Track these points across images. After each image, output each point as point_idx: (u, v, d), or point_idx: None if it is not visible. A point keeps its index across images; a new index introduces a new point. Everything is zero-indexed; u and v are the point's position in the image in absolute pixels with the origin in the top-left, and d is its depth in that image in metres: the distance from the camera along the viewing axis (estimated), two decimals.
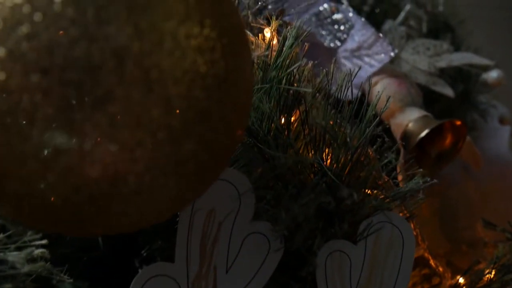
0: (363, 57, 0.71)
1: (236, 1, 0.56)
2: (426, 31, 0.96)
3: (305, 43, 0.45)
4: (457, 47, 0.99)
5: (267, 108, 0.41)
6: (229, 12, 0.29)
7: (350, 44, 0.73)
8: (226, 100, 0.27)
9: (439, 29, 1.00)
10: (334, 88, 0.75)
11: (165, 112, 0.26)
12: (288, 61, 0.43)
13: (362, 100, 0.58)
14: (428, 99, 0.81)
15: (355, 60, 0.73)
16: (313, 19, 0.77)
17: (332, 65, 0.48)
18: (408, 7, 0.92)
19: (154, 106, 0.25)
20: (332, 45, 0.74)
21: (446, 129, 0.64)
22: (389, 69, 0.69)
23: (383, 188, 0.45)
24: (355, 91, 0.74)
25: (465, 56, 0.82)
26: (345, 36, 0.74)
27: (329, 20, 0.76)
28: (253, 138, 0.44)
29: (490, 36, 1.08)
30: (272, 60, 0.44)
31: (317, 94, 0.48)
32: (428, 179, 0.44)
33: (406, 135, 0.63)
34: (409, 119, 0.64)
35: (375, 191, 0.45)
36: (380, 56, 0.69)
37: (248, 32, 0.54)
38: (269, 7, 0.64)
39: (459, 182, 0.68)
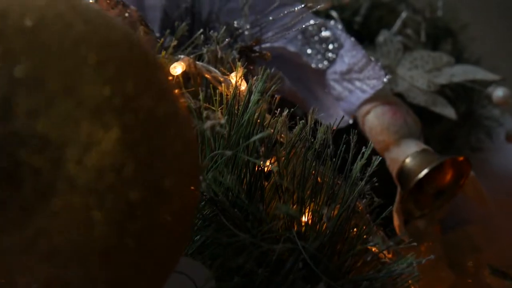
0: (354, 81, 0.64)
1: (202, 36, 0.49)
2: (425, 37, 0.89)
3: (276, 96, 0.38)
4: (459, 53, 0.91)
5: (228, 182, 0.34)
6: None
7: (340, 66, 0.65)
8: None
9: (439, 35, 0.93)
10: (320, 117, 0.69)
11: None
12: (252, 123, 0.36)
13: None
14: (428, 120, 0.74)
15: (346, 84, 0.65)
16: (299, 36, 0.70)
17: (309, 116, 0.40)
18: (404, 14, 0.85)
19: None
20: (320, 66, 0.67)
21: (447, 164, 0.57)
22: (383, 95, 0.62)
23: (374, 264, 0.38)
24: (346, 118, 0.68)
25: (468, 71, 0.75)
26: (334, 56, 0.67)
27: (316, 38, 0.69)
28: (217, 210, 0.37)
29: (494, 41, 1.00)
30: (235, 120, 0.38)
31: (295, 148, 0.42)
32: (423, 259, 0.37)
33: (403, 172, 0.56)
34: (406, 154, 0.57)
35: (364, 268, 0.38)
36: (372, 81, 0.62)
37: (216, 72, 0.47)
38: (246, 33, 0.57)
39: (462, 224, 0.61)
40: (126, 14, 0.49)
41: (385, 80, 0.60)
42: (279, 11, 0.72)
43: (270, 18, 0.58)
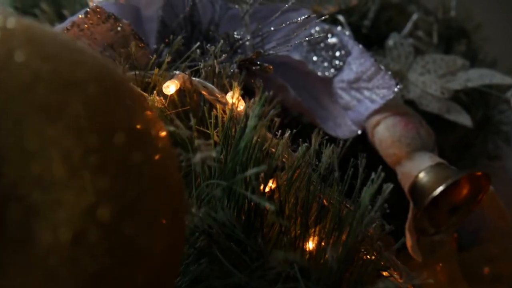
0: (363, 90, 0.61)
1: (198, 52, 0.46)
2: (437, 39, 0.85)
3: (275, 119, 0.35)
4: (473, 54, 0.87)
5: (223, 218, 0.31)
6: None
7: (347, 74, 0.62)
8: None
9: (452, 35, 0.89)
10: (327, 126, 0.66)
11: None
12: (250, 150, 0.33)
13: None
14: (442, 128, 0.71)
15: (354, 93, 0.62)
16: (304, 43, 0.67)
17: (314, 138, 0.37)
18: (415, 16, 0.81)
19: None
20: (326, 74, 0.64)
21: (463, 178, 0.54)
22: (394, 105, 0.58)
23: None
24: (354, 129, 0.64)
25: (484, 75, 0.71)
26: (341, 63, 0.64)
27: (322, 45, 0.66)
28: (212, 243, 0.34)
29: (510, 41, 0.96)
30: (232, 143, 0.35)
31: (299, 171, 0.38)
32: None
33: (416, 188, 0.53)
34: (419, 169, 0.53)
35: None
36: (382, 91, 0.58)
37: (214, 88, 0.44)
38: (247, 43, 0.54)
39: (478, 242, 0.57)
40: (118, 28, 0.46)
41: (395, 89, 0.56)
42: (283, 18, 0.69)
43: (272, 28, 0.54)
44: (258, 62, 0.50)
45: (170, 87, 0.40)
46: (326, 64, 0.65)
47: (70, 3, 0.67)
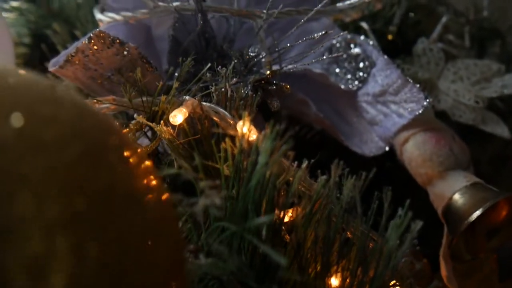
0: (389, 104, 0.57)
1: (210, 74, 0.43)
2: (470, 42, 0.80)
3: (289, 153, 0.32)
4: (508, 56, 0.82)
5: (232, 266, 0.28)
6: None
7: (372, 87, 0.58)
8: None
9: (485, 36, 0.83)
10: (352, 142, 0.62)
11: None
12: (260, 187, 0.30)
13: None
14: (477, 140, 0.66)
15: (380, 107, 0.58)
16: (325, 54, 0.63)
17: (333, 170, 0.34)
18: (445, 18, 0.76)
19: None
20: (350, 86, 0.60)
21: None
22: (423, 119, 0.54)
23: None
24: (381, 145, 0.60)
25: None
26: (365, 75, 0.60)
27: (345, 56, 0.62)
28: None
29: None
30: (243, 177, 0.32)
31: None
32: None
33: (451, 212, 0.49)
34: (453, 190, 0.49)
35: None
36: (410, 105, 0.54)
37: (226, 114, 0.41)
38: (263, 59, 0.51)
39: None
40: (125, 52, 0.44)
41: (425, 103, 0.52)
42: (303, 28, 0.65)
43: (290, 43, 0.50)
44: (275, 81, 0.46)
45: (177, 117, 0.37)
46: (349, 76, 0.61)
47: (83, 24, 0.66)
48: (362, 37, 0.61)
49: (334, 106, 0.63)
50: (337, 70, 0.62)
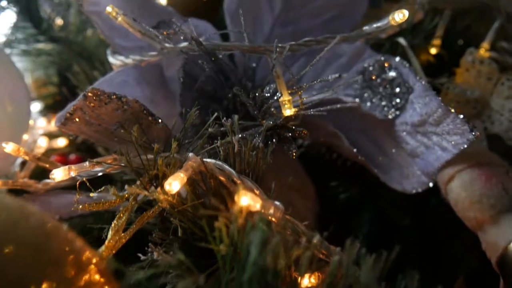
0: (431, 135, 0.50)
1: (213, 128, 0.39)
2: None
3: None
4: None
5: None
6: None
7: (411, 116, 0.52)
8: None
9: None
10: (390, 176, 0.55)
11: None
12: None
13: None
14: None
15: (420, 137, 0.52)
16: (358, 79, 0.57)
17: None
18: (497, 24, 0.68)
19: None
20: (386, 115, 0.54)
21: None
22: (470, 153, 0.47)
23: None
24: (424, 180, 0.54)
25: None
26: (402, 102, 0.53)
27: (379, 80, 0.56)
28: None
29: None
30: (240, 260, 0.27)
31: None
32: None
33: (506, 263, 0.42)
34: (509, 238, 0.42)
35: None
36: (454, 137, 0.47)
37: (232, 172, 0.36)
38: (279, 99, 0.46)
39: None
40: (125, 107, 0.40)
41: (470, 137, 0.45)
42: (332, 51, 0.60)
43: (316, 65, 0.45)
44: (293, 126, 0.41)
45: (173, 185, 0.33)
46: (385, 102, 0.55)
47: (102, 62, 0.64)
48: (397, 59, 0.54)
49: (370, 136, 0.57)
50: (371, 96, 0.56)
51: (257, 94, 0.44)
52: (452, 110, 0.47)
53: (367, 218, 0.70)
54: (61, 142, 0.68)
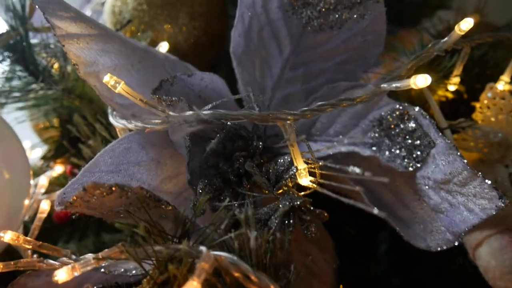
0: (456, 194, 0.47)
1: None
2: None
3: None
4: None
5: None
6: None
7: (433, 171, 0.49)
8: None
9: None
10: (412, 232, 0.52)
11: None
12: None
13: None
14: None
15: (444, 194, 0.48)
16: (375, 127, 0.54)
17: None
18: None
19: None
20: (406, 167, 0.51)
21: None
22: (499, 216, 0.44)
23: None
24: (449, 238, 0.50)
25: None
26: (424, 155, 0.50)
27: (397, 130, 0.52)
28: None
29: None
30: None
31: None
32: None
33: None
34: None
35: None
36: (481, 201, 0.44)
37: (248, 269, 0.33)
38: (293, 170, 0.42)
39: None
40: (129, 193, 0.37)
41: (500, 204, 0.42)
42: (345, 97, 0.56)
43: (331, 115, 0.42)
44: (311, 208, 0.38)
45: None
46: (404, 153, 0.51)
47: (105, 111, 0.61)
48: (416, 109, 0.51)
49: (390, 187, 0.54)
50: (390, 145, 0.53)
51: (271, 170, 0.41)
52: (479, 174, 0.44)
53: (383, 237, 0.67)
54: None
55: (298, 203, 0.38)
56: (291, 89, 0.60)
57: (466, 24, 0.46)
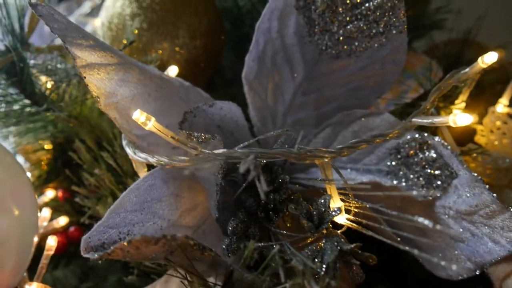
0: (480, 225, 0.48)
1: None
2: None
3: None
4: None
5: None
6: None
7: (456, 202, 0.49)
8: None
9: None
10: (431, 260, 0.52)
11: None
12: None
13: None
14: None
15: (466, 224, 0.49)
16: (392, 155, 0.54)
17: None
18: None
19: None
20: (425, 196, 0.51)
21: None
22: None
23: None
24: (470, 267, 0.51)
25: None
26: (444, 185, 0.50)
27: (416, 159, 0.52)
28: None
29: None
30: None
31: None
32: None
33: None
34: None
35: None
36: (510, 234, 0.45)
37: None
38: (332, 213, 0.42)
39: None
40: (173, 243, 0.36)
41: None
42: (361, 125, 0.56)
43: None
44: (359, 251, 0.38)
45: None
46: (423, 182, 0.52)
47: (110, 139, 0.58)
48: (436, 138, 0.51)
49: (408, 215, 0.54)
50: (408, 173, 0.53)
51: (314, 213, 0.39)
52: (510, 208, 0.44)
53: None
54: (62, 221, 0.62)
55: (349, 248, 0.37)
56: (302, 114, 0.59)
57: (490, 57, 0.47)
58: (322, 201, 0.41)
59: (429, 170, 0.51)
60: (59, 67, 0.57)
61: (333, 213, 0.40)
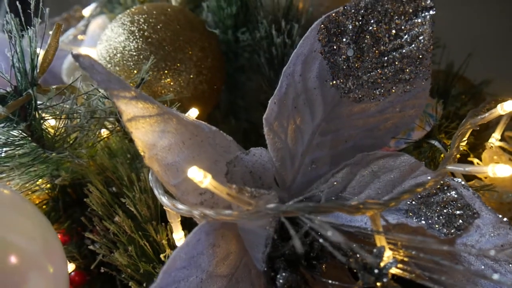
0: (504, 263, 0.50)
1: None
2: None
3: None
4: None
5: None
6: None
7: (478, 241, 0.51)
8: None
9: None
10: None
11: None
12: None
13: None
14: None
15: (488, 261, 0.51)
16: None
17: None
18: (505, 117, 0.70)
19: None
20: (446, 233, 0.53)
21: None
22: None
23: None
24: None
25: None
26: (465, 224, 0.53)
27: (436, 198, 0.55)
28: None
29: None
30: None
31: None
32: None
33: None
34: None
35: None
36: None
37: None
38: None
39: None
40: None
41: None
42: (379, 165, 0.57)
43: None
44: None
45: None
46: (444, 221, 0.54)
47: (123, 183, 0.56)
48: (456, 179, 0.54)
49: (428, 253, 0.56)
50: (427, 212, 0.55)
51: (368, 266, 0.40)
52: None
53: None
54: (69, 268, 0.59)
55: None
56: (318, 153, 0.60)
57: (509, 105, 0.50)
58: (376, 251, 0.41)
59: (450, 210, 0.54)
60: (68, 107, 0.54)
61: (390, 264, 0.41)
